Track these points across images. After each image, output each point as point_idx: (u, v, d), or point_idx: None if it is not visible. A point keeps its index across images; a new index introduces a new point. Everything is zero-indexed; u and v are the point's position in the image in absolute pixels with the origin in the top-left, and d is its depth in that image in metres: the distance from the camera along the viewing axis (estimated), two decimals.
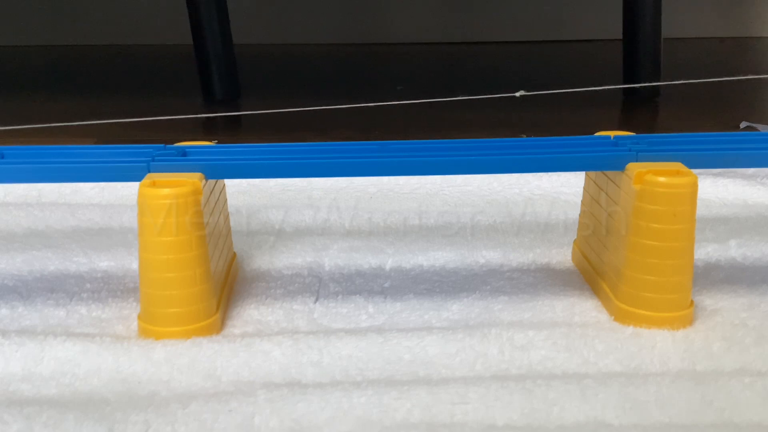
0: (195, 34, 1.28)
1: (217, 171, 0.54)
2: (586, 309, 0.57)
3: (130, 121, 1.08)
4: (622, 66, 1.28)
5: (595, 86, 1.28)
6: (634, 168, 0.53)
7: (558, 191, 0.81)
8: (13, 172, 0.54)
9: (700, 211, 0.55)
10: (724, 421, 0.43)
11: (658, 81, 1.27)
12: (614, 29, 1.36)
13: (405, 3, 1.93)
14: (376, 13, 1.93)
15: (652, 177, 0.52)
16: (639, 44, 1.24)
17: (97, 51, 1.90)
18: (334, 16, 1.93)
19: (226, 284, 0.59)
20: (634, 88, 1.28)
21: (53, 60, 1.83)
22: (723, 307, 0.56)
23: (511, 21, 1.92)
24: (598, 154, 0.55)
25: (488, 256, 0.66)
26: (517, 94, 0.65)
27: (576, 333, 0.52)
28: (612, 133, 0.61)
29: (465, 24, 1.93)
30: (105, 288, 0.60)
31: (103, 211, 0.77)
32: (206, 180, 0.53)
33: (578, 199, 0.67)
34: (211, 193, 0.56)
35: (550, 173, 0.82)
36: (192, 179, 0.51)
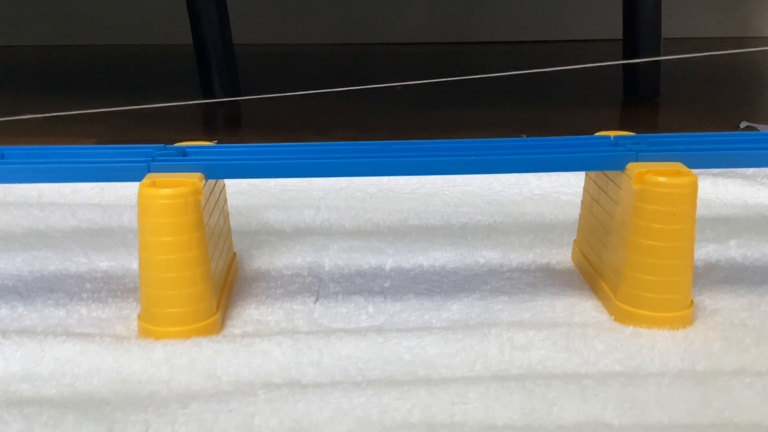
0: (195, 34, 1.28)
1: (217, 171, 0.54)
2: (586, 309, 0.57)
3: (132, 118, 1.08)
4: (622, 66, 1.28)
5: (596, 86, 1.28)
6: (634, 168, 0.53)
7: (558, 191, 0.81)
8: (13, 172, 0.54)
9: (700, 211, 0.55)
10: (724, 421, 0.43)
11: (659, 81, 1.27)
12: (614, 29, 1.36)
13: (405, 3, 1.93)
14: (376, 13, 1.93)
15: (652, 177, 0.52)
16: (639, 44, 1.24)
17: (97, 51, 1.90)
18: (334, 16, 1.93)
19: (226, 284, 0.59)
20: (634, 88, 1.28)
21: (53, 60, 1.83)
22: (723, 307, 0.56)
23: (511, 21, 1.92)
24: (598, 154, 0.55)
25: (488, 256, 0.66)
26: None
27: (576, 333, 0.52)
28: (612, 133, 0.61)
29: (465, 24, 1.93)
30: (105, 288, 0.60)
31: (103, 211, 0.76)
32: (206, 180, 0.53)
33: (578, 199, 0.67)
34: (211, 193, 0.56)
35: (550, 173, 0.82)
36: (192, 179, 0.51)
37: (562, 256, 0.66)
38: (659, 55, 1.24)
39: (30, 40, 1.95)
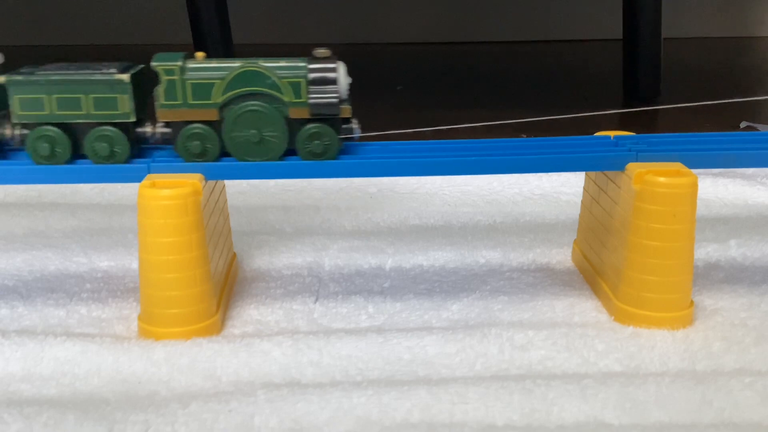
0: (195, 34, 1.28)
1: (217, 171, 0.54)
2: (586, 309, 0.57)
3: None
4: (621, 66, 1.28)
5: (596, 86, 1.28)
6: (634, 168, 0.53)
7: (558, 191, 0.81)
8: (13, 173, 0.54)
9: (700, 211, 0.55)
10: (724, 421, 0.43)
11: (659, 80, 1.27)
12: (614, 29, 1.36)
13: (405, 3, 1.93)
14: (376, 13, 1.93)
15: (652, 177, 0.52)
16: (639, 44, 1.24)
17: (97, 51, 1.90)
18: (334, 16, 1.93)
19: (226, 285, 0.59)
20: (634, 88, 1.28)
21: (54, 60, 1.83)
22: (723, 307, 0.56)
23: (512, 21, 1.92)
24: (598, 154, 0.55)
25: (488, 256, 0.66)
26: None
27: (576, 333, 0.52)
28: (612, 133, 0.61)
29: (465, 24, 1.93)
30: (105, 288, 0.60)
31: (103, 211, 0.77)
32: (206, 181, 0.53)
33: (578, 199, 0.67)
34: (211, 193, 0.56)
35: (550, 173, 0.82)
36: (192, 180, 0.51)
37: (562, 256, 0.66)
38: (659, 54, 1.24)
39: (30, 40, 1.95)
